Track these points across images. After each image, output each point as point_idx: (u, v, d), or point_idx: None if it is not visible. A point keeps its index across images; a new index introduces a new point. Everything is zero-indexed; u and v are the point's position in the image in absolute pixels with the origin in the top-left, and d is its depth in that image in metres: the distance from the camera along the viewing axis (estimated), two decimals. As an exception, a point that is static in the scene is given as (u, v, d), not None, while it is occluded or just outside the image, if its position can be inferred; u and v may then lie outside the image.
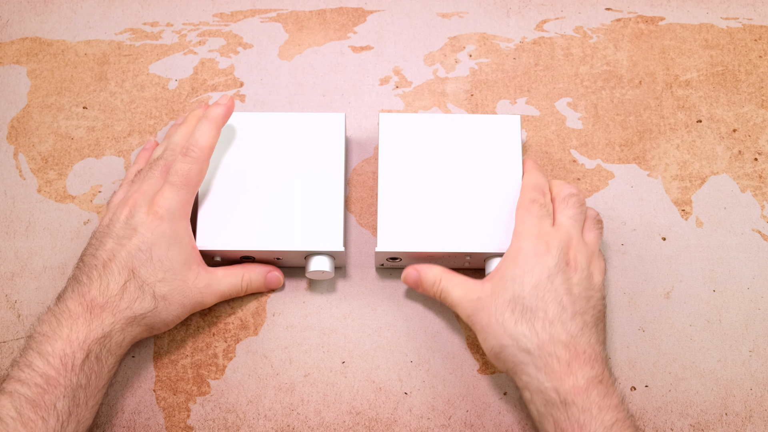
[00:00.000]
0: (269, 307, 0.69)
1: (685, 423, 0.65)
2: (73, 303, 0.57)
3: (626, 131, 0.74)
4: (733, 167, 0.73)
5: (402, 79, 0.76)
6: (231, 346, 0.67)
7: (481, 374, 0.67)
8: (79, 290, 0.58)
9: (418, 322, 0.68)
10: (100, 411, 0.65)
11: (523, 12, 0.79)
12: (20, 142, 0.74)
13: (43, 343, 0.55)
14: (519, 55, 0.77)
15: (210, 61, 0.77)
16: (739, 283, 0.69)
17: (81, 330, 0.56)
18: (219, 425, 0.65)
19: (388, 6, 0.79)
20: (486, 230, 0.66)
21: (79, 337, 0.55)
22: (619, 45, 0.77)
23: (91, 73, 0.76)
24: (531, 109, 0.75)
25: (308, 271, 0.66)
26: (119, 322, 0.57)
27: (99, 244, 0.60)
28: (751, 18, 0.79)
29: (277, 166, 0.68)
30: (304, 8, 0.79)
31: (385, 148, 0.68)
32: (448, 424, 0.65)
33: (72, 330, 0.56)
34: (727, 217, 0.71)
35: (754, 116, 0.75)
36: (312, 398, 0.66)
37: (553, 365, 0.55)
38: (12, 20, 0.79)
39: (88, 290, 0.58)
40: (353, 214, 0.71)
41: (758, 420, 0.65)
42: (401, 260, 0.67)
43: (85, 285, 0.58)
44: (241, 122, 0.69)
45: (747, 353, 0.67)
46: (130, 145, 0.74)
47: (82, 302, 0.57)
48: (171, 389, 0.66)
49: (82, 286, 0.58)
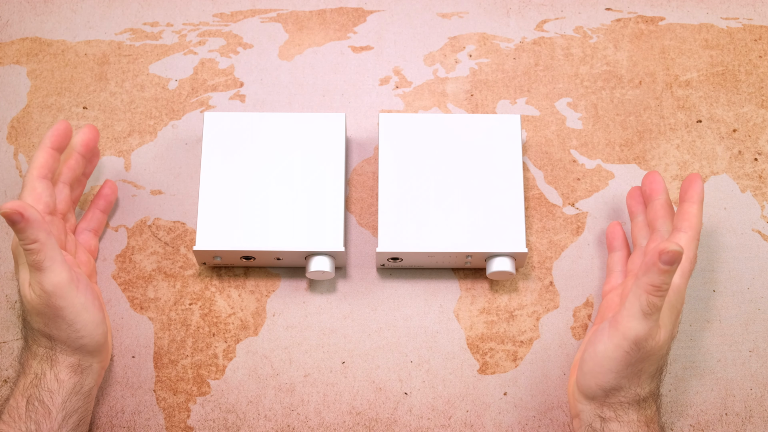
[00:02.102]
0: (269, 307, 0.69)
1: (685, 423, 0.65)
2: (18, 365, 0.62)
3: (626, 131, 0.74)
4: (733, 167, 0.73)
5: (402, 79, 0.76)
6: (231, 346, 0.67)
7: (481, 374, 0.67)
8: (19, 354, 0.63)
9: (418, 322, 0.68)
10: (100, 412, 0.65)
11: (523, 12, 0.79)
12: (20, 142, 0.74)
13: (6, 400, 0.60)
14: (519, 55, 0.77)
15: (210, 61, 0.77)
16: (739, 283, 0.69)
17: (20, 381, 0.60)
18: (219, 425, 0.65)
19: (388, 6, 0.79)
20: (486, 230, 0.66)
21: (20, 388, 0.59)
22: (619, 45, 0.77)
23: (91, 73, 0.76)
24: (531, 109, 0.75)
25: (308, 271, 0.66)
26: (44, 363, 0.59)
27: None
28: (751, 18, 0.79)
29: (277, 166, 0.68)
30: (304, 8, 0.79)
31: (385, 148, 0.68)
32: (448, 424, 0.65)
33: (16, 385, 0.60)
34: (727, 217, 0.71)
35: (754, 116, 0.75)
36: (312, 398, 0.66)
37: (651, 410, 0.59)
38: (12, 20, 0.79)
39: (21, 352, 0.62)
40: (353, 214, 0.71)
41: (758, 420, 0.65)
42: (402, 260, 0.67)
43: (22, 348, 0.62)
44: (241, 122, 0.69)
45: (747, 353, 0.67)
46: (130, 145, 0.74)
47: (21, 361, 0.61)
48: (171, 389, 0.66)
49: (21, 349, 0.63)
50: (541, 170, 0.73)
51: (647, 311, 0.55)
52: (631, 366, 0.57)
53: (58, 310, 0.58)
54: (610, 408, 0.58)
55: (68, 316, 0.58)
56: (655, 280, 0.54)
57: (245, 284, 0.69)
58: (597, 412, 0.58)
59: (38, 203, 0.61)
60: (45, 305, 0.58)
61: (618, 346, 0.56)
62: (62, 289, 0.58)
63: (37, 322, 0.59)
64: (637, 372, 0.57)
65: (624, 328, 0.56)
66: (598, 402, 0.59)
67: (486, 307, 0.68)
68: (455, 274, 0.69)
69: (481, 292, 0.69)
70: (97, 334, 0.60)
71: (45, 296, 0.57)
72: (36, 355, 0.60)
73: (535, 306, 0.69)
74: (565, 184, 0.72)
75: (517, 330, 0.68)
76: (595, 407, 0.59)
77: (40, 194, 0.62)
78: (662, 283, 0.54)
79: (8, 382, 0.66)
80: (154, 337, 0.67)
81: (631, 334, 0.56)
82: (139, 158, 0.73)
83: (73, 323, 0.59)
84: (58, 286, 0.58)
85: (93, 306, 0.60)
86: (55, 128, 0.63)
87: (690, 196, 0.62)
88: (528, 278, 0.69)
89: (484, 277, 0.69)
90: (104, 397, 0.66)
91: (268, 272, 0.70)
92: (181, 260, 0.70)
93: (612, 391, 0.58)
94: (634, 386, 0.58)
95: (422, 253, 0.65)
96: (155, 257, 0.70)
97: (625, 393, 0.58)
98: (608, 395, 0.58)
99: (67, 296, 0.58)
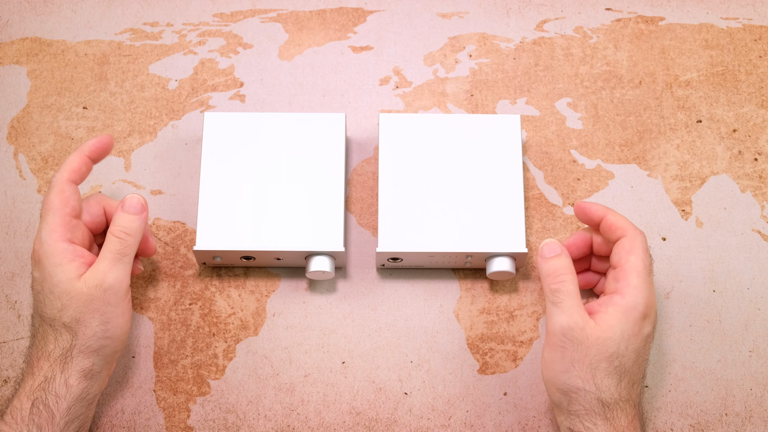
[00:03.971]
0: (269, 307, 0.69)
1: (685, 423, 0.65)
2: (25, 364, 0.61)
3: (626, 131, 0.74)
4: (733, 167, 0.73)
5: (402, 79, 0.76)
6: (231, 346, 0.67)
7: (481, 374, 0.67)
8: (27, 353, 0.62)
9: (418, 322, 0.68)
10: (100, 412, 0.65)
11: (523, 12, 0.79)
12: (20, 142, 0.74)
13: (9, 401, 0.60)
14: (519, 55, 0.77)
15: (210, 61, 0.77)
16: (739, 283, 0.69)
17: (27, 382, 0.59)
18: (219, 425, 0.65)
19: (388, 6, 0.79)
20: (486, 230, 0.66)
21: (25, 389, 0.59)
22: (619, 45, 0.77)
23: (91, 73, 0.76)
24: (531, 109, 0.75)
25: (308, 271, 0.66)
26: (56, 365, 0.59)
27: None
28: (751, 18, 0.79)
29: (277, 167, 0.68)
30: (304, 8, 0.79)
31: (385, 148, 0.68)
32: (448, 424, 0.65)
33: (21, 386, 0.59)
34: (727, 217, 0.71)
35: (754, 116, 0.75)
36: (312, 398, 0.66)
37: (621, 420, 0.57)
38: (12, 20, 0.79)
39: (29, 350, 0.61)
40: (353, 214, 0.71)
41: (758, 420, 0.65)
42: (402, 260, 0.67)
43: (30, 346, 0.61)
44: (241, 122, 0.69)
45: (747, 353, 0.67)
46: (130, 145, 0.74)
47: (28, 361, 0.61)
48: (171, 389, 0.66)
49: (29, 347, 0.62)
50: (541, 170, 0.73)
51: (550, 298, 0.58)
52: (571, 360, 0.57)
53: (104, 305, 0.58)
54: (577, 417, 0.57)
55: (108, 314, 0.59)
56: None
57: (245, 284, 0.69)
58: (567, 424, 0.58)
59: (66, 206, 0.61)
60: (93, 298, 0.58)
61: (552, 344, 0.58)
62: (121, 288, 0.59)
63: (68, 314, 0.58)
64: (585, 367, 0.57)
65: (550, 324, 0.58)
66: (565, 411, 0.58)
67: (486, 307, 0.68)
68: (455, 274, 0.69)
69: (481, 292, 0.69)
70: (120, 342, 0.61)
71: (100, 290, 0.58)
72: (50, 355, 0.59)
73: (535, 306, 0.69)
74: (565, 184, 0.72)
75: (517, 330, 0.68)
76: (565, 419, 0.59)
77: (69, 197, 0.61)
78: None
79: (8, 382, 0.66)
80: (154, 337, 0.67)
81: (555, 326, 0.58)
82: (139, 158, 0.73)
83: (108, 323, 0.59)
84: (121, 283, 0.59)
85: (129, 312, 0.61)
86: (98, 139, 0.63)
87: (597, 213, 0.62)
88: (528, 278, 0.69)
89: (484, 277, 0.69)
90: (104, 397, 0.66)
91: (268, 272, 0.70)
92: (181, 260, 0.70)
93: (570, 394, 0.57)
94: (590, 386, 0.57)
95: (422, 253, 0.65)
96: (155, 257, 0.70)
97: (584, 395, 0.57)
98: (570, 401, 0.57)
99: (119, 295, 0.59)
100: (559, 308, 0.58)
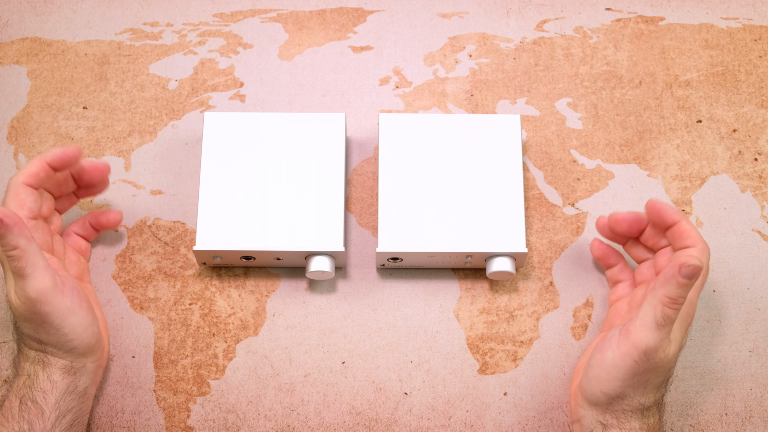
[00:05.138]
0: (269, 307, 0.69)
1: (685, 423, 0.65)
2: (12, 366, 0.63)
3: (626, 131, 0.74)
4: (733, 167, 0.73)
5: (402, 79, 0.76)
6: (231, 346, 0.67)
7: (481, 374, 0.67)
8: (15, 356, 0.63)
9: (418, 322, 0.68)
10: (101, 411, 0.65)
11: (523, 12, 0.79)
12: (20, 142, 0.74)
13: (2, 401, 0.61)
14: (519, 55, 0.77)
15: (210, 61, 0.77)
16: (739, 283, 0.69)
17: (15, 382, 0.60)
18: (219, 425, 0.65)
19: (388, 6, 0.79)
20: (486, 230, 0.66)
21: (14, 388, 0.60)
22: (619, 45, 0.77)
23: (91, 73, 0.76)
24: (531, 109, 0.75)
25: (308, 271, 0.66)
26: (37, 365, 0.59)
27: None
28: (751, 18, 0.79)
29: (277, 167, 0.68)
30: (304, 8, 0.79)
31: (385, 148, 0.68)
32: (448, 424, 0.65)
33: (11, 386, 0.60)
34: (727, 217, 0.71)
35: (754, 116, 0.75)
36: (312, 398, 0.66)
37: (653, 418, 0.59)
38: (12, 20, 0.79)
39: (17, 352, 0.62)
40: (353, 214, 0.71)
41: (758, 420, 0.65)
42: (402, 260, 0.67)
43: (17, 348, 0.62)
44: (241, 122, 0.69)
45: (747, 353, 0.67)
46: (130, 145, 0.74)
47: (16, 363, 0.61)
48: (171, 389, 0.66)
49: (17, 350, 0.63)
50: (541, 170, 0.73)
51: (661, 323, 0.55)
52: (638, 376, 0.57)
53: (43, 315, 0.58)
54: (613, 415, 0.58)
55: (55, 321, 0.58)
56: (672, 293, 0.54)
57: (245, 284, 0.69)
58: (599, 418, 0.58)
59: (21, 209, 0.61)
60: (30, 312, 0.57)
61: (627, 355, 0.56)
62: (46, 295, 0.57)
63: (26, 327, 0.59)
64: (644, 382, 0.57)
65: (635, 337, 0.56)
66: (601, 408, 0.58)
67: (486, 307, 0.68)
68: (455, 274, 0.69)
69: (481, 292, 0.69)
70: (87, 336, 0.60)
71: (29, 303, 0.57)
72: (28, 357, 0.60)
73: (535, 306, 0.69)
74: (565, 184, 0.72)
75: (517, 330, 0.68)
76: (597, 413, 0.59)
77: (24, 200, 0.61)
78: (679, 296, 0.54)
79: (8, 382, 0.66)
80: (154, 337, 0.67)
81: (641, 344, 0.56)
82: (139, 158, 0.73)
83: (61, 327, 0.58)
84: (41, 293, 0.57)
85: (80, 309, 0.60)
86: (64, 149, 0.62)
87: (672, 218, 0.61)
88: (528, 278, 0.69)
89: (484, 277, 0.69)
90: (104, 397, 0.66)
91: (268, 272, 0.70)
92: (181, 260, 0.70)
93: (616, 399, 0.58)
94: (639, 395, 0.57)
95: (422, 253, 0.65)
96: (155, 257, 0.70)
97: (629, 401, 0.58)
98: (612, 402, 0.58)
99: (51, 302, 0.57)
100: (659, 330, 0.55)
